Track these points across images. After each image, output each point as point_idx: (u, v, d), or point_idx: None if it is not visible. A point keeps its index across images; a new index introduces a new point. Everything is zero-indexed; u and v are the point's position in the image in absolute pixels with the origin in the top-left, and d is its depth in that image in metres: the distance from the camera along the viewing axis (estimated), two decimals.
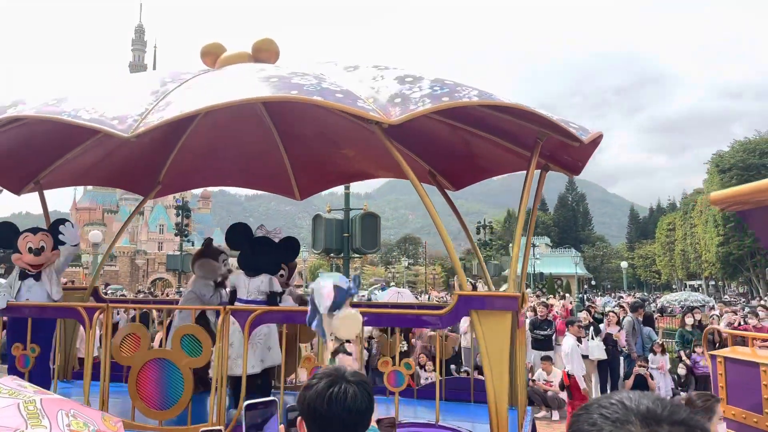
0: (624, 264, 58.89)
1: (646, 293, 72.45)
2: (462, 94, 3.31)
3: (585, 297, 33.89)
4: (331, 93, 3.24)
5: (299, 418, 1.78)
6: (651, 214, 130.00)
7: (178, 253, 33.32)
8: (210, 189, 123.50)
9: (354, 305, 2.90)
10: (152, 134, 3.47)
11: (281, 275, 5.06)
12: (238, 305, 4.51)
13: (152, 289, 45.62)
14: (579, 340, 10.44)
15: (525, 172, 4.10)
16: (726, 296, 52.61)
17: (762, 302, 22.19)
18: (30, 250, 4.95)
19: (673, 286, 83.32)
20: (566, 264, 77.43)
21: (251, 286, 4.61)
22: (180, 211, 31.83)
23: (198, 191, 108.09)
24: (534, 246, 64.87)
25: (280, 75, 3.48)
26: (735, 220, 57.65)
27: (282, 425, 1.67)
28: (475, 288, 24.99)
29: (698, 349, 11.07)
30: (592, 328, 11.18)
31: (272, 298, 4.59)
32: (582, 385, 9.13)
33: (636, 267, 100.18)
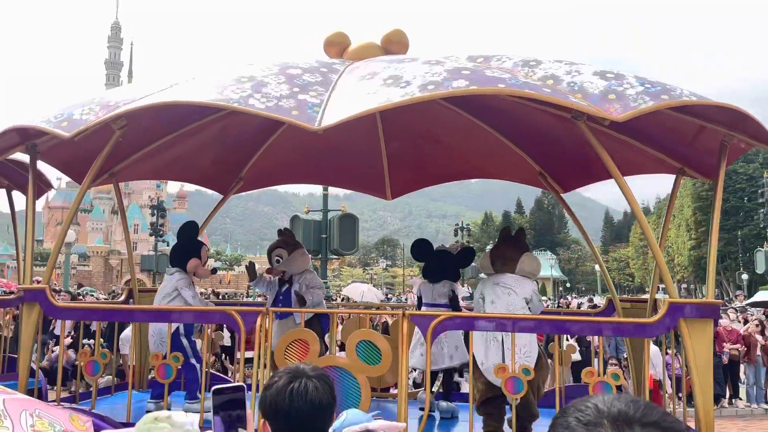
0: (598, 267, 59.59)
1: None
2: (677, 93, 3.20)
3: (560, 298, 34.23)
4: (538, 87, 3.15)
5: (262, 420, 1.78)
6: (625, 218, 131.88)
7: (153, 253, 32.91)
8: (186, 188, 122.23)
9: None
10: (241, 128, 3.35)
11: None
12: (422, 311, 4.89)
13: None
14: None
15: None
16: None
17: (734, 304, 22.66)
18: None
19: (647, 289, 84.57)
20: (542, 267, 78.00)
21: (435, 292, 5.18)
22: (155, 211, 31.45)
23: (174, 190, 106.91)
24: None
25: (470, 68, 3.34)
26: (707, 225, 58.75)
27: (250, 410, 1.66)
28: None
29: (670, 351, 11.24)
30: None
31: (454, 300, 5.22)
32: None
33: (610, 270, 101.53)
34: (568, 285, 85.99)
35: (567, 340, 6.09)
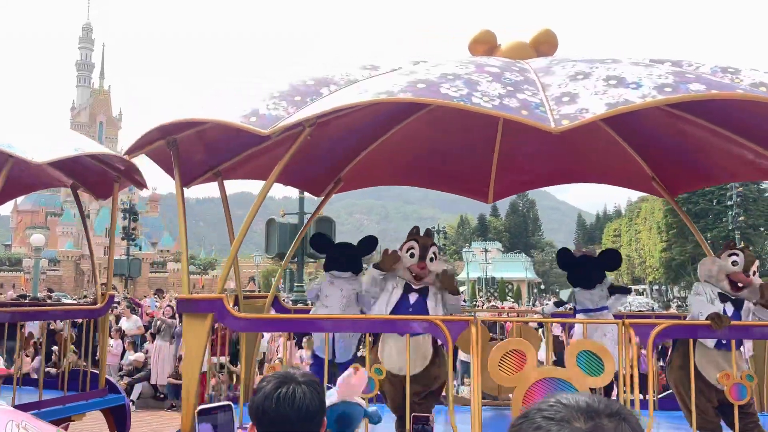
0: None
1: None
2: None
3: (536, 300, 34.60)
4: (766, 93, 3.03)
5: (250, 424, 1.77)
6: (597, 220, 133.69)
7: (125, 257, 32.44)
8: (159, 191, 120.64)
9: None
10: (346, 128, 3.24)
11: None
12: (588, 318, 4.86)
13: (47, 295, 44.21)
14: None
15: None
16: (673, 301, 54.47)
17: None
18: None
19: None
20: (517, 268, 78.81)
21: (594, 297, 5.15)
22: (127, 215, 31.00)
23: (146, 194, 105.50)
24: (486, 251, 65.96)
25: (691, 72, 3.22)
26: (677, 227, 59.92)
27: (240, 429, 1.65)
28: None
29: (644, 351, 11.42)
30: (541, 330, 11.37)
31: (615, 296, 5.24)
32: None
33: None
34: (542, 287, 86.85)
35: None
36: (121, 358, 12.68)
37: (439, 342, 4.05)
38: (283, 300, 5.74)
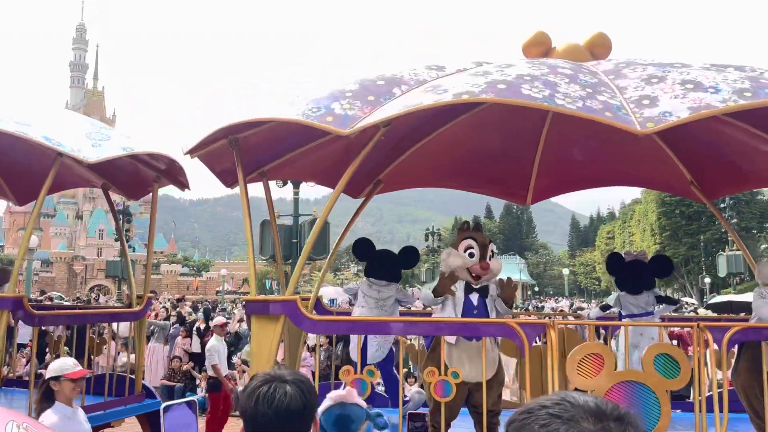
0: (566, 271, 60.54)
1: (585, 299, 74.63)
2: None
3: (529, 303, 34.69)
4: None
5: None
6: (591, 222, 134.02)
7: (119, 259, 32.29)
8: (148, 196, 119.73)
9: None
10: (390, 130, 3.23)
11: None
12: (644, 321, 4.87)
13: (93, 297, 43.99)
14: None
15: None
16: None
17: (693, 308, 23.16)
18: None
19: (613, 293, 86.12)
20: (511, 270, 78.65)
21: (640, 302, 5.13)
22: (121, 216, 30.88)
23: None
24: None
25: (748, 76, 3.22)
26: (671, 229, 60.15)
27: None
28: None
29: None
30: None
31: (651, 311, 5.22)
32: None
33: (577, 274, 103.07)
34: (536, 288, 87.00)
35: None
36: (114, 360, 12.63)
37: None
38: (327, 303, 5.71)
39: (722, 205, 33.07)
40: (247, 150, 4.35)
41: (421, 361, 5.86)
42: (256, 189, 6.02)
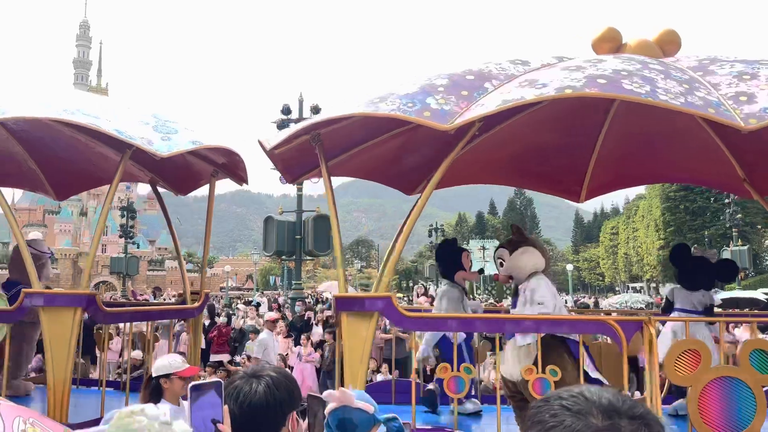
0: (569, 267, 60.44)
1: (590, 294, 74.59)
2: None
3: None
4: None
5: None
6: (595, 218, 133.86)
7: (123, 255, 32.36)
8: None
9: None
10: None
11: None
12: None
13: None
14: None
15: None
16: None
17: None
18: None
19: (617, 288, 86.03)
20: None
21: (694, 300, 5.11)
22: (125, 213, 30.94)
23: (144, 192, 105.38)
24: (484, 249, 66.08)
25: None
26: (675, 225, 60.03)
27: (226, 405, 1.68)
28: (426, 291, 25.01)
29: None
30: None
31: (710, 310, 5.14)
32: None
33: (581, 270, 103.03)
34: None
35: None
36: (120, 355, 12.68)
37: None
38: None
39: (727, 201, 32.98)
40: (312, 147, 4.29)
41: (482, 359, 5.96)
42: (258, 186, 5.98)
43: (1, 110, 3.83)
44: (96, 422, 1.73)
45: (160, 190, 6.23)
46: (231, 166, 5.35)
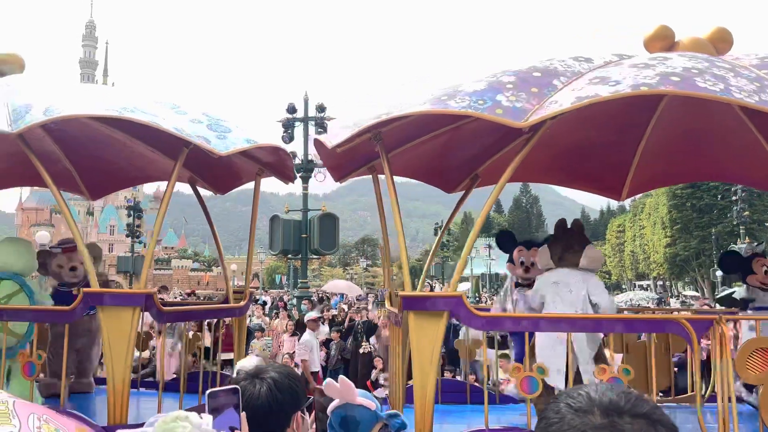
0: None
1: None
2: None
3: None
4: None
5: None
6: (601, 216, 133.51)
7: (130, 254, 32.48)
8: (162, 188, 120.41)
9: None
10: (488, 122, 3.20)
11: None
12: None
13: None
14: None
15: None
16: (676, 298, 54.29)
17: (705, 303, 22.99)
18: (521, 264, 5.20)
19: (623, 286, 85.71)
20: None
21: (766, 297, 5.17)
22: (131, 212, 31.05)
23: (150, 191, 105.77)
24: (490, 247, 66.09)
25: None
26: (682, 222, 59.75)
27: (243, 412, 1.67)
28: (432, 289, 25.04)
29: None
30: None
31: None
32: None
33: None
34: None
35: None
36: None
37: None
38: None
39: (734, 198, 32.84)
40: (372, 144, 4.22)
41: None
42: (264, 185, 5.96)
43: (53, 108, 3.72)
44: (139, 426, 1.74)
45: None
46: (278, 164, 5.26)
